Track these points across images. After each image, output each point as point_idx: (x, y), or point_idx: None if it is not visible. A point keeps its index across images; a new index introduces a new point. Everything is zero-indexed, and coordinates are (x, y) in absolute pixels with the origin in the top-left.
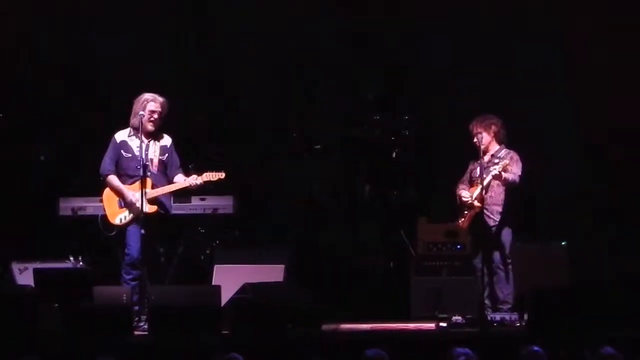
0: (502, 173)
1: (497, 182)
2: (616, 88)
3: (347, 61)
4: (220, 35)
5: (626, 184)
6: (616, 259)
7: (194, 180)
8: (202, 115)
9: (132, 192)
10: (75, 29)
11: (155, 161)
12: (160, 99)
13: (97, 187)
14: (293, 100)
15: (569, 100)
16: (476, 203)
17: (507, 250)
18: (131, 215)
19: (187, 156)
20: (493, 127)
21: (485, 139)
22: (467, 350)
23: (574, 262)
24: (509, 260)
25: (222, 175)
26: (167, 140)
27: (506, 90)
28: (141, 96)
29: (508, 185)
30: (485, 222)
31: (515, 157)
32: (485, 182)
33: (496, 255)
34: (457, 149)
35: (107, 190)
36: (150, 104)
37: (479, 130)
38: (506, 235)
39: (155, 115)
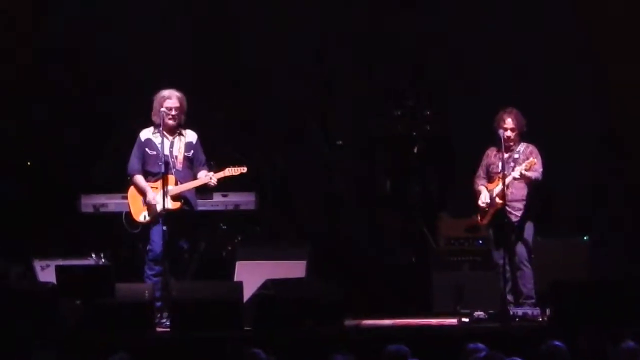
0: (526, 172)
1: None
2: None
3: (368, 55)
4: (239, 31)
5: None
6: (637, 253)
7: (211, 176)
8: (222, 111)
9: (154, 194)
10: (96, 24)
11: (180, 157)
12: (178, 94)
13: (119, 183)
14: (314, 96)
15: (589, 92)
16: (498, 200)
17: (530, 245)
18: (150, 215)
19: (208, 153)
20: (523, 125)
21: (515, 135)
22: (481, 345)
23: (596, 257)
24: (532, 255)
25: (244, 169)
26: (192, 136)
27: (525, 83)
28: (159, 93)
29: (532, 183)
30: (507, 218)
31: (535, 151)
32: (508, 180)
33: (520, 250)
34: (478, 144)
35: (132, 188)
36: (167, 100)
37: (512, 126)
38: (528, 230)
39: (174, 112)
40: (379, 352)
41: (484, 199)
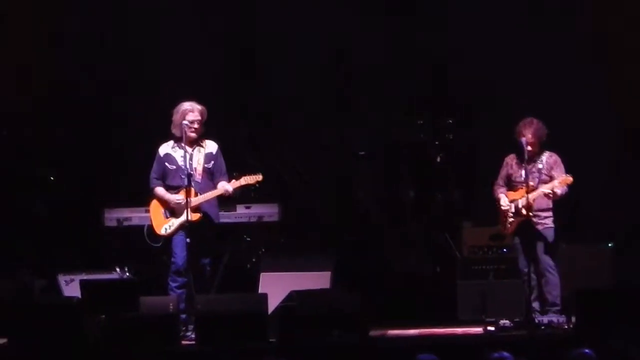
0: (557, 190)
1: (541, 186)
2: None
3: (390, 65)
4: (260, 43)
5: None
6: None
7: (227, 186)
8: (244, 123)
9: (176, 197)
10: (120, 37)
11: (200, 169)
12: (199, 107)
13: (142, 197)
14: (336, 106)
15: (611, 99)
16: (524, 212)
17: (555, 253)
18: (176, 223)
19: (230, 165)
20: (544, 135)
21: (537, 146)
22: (505, 354)
23: (620, 263)
24: (556, 262)
25: (259, 177)
26: (212, 147)
27: (545, 91)
28: (179, 106)
29: (560, 197)
30: (532, 226)
31: (559, 161)
32: (534, 195)
33: (545, 258)
34: (501, 152)
35: (153, 202)
36: (189, 114)
37: (534, 139)
38: (553, 237)
39: (196, 125)
40: None
41: (505, 204)
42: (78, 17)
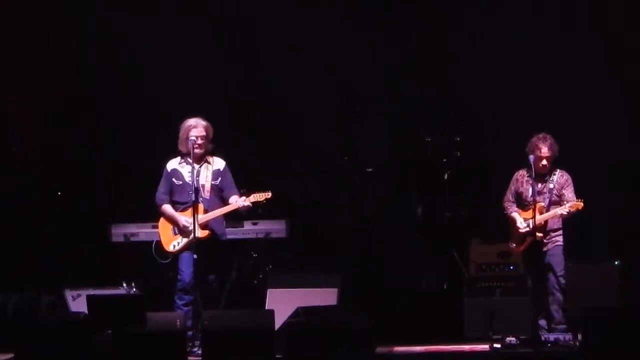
0: (572, 210)
1: (552, 205)
2: None
3: (398, 83)
4: (269, 61)
5: None
6: None
7: (242, 202)
8: (254, 140)
9: (185, 218)
10: (126, 56)
11: (207, 186)
12: (204, 123)
13: (149, 213)
14: (344, 123)
15: (619, 117)
16: (538, 234)
17: (563, 271)
18: (184, 240)
19: (239, 182)
20: (557, 150)
21: (551, 162)
22: None
23: (628, 282)
24: (564, 281)
25: (268, 194)
26: (219, 163)
27: (555, 109)
28: (185, 122)
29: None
30: (542, 244)
31: (569, 179)
32: (548, 216)
33: (551, 276)
34: (509, 169)
35: (162, 219)
36: (193, 130)
37: (548, 154)
38: (558, 255)
39: (200, 141)
40: None
41: (522, 226)
42: (87, 33)
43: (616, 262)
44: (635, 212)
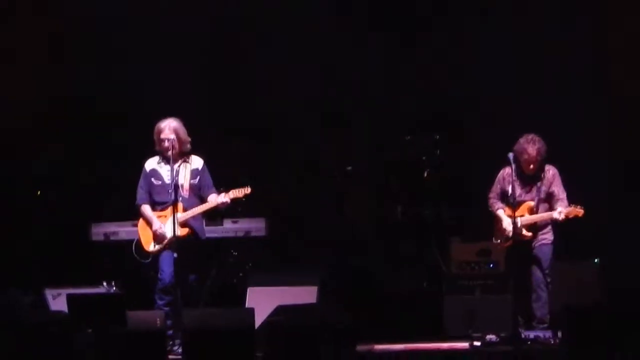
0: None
1: (542, 203)
2: None
3: (380, 82)
4: (252, 57)
5: None
6: None
7: (222, 198)
8: (235, 139)
9: (160, 224)
10: (111, 57)
11: (186, 185)
12: (173, 124)
13: (129, 211)
14: (324, 122)
15: (601, 115)
16: (527, 233)
17: (547, 269)
18: (159, 245)
19: (218, 180)
20: (545, 151)
21: (538, 164)
22: None
23: (607, 279)
24: (549, 279)
25: (247, 190)
26: (197, 162)
27: (538, 106)
28: (157, 123)
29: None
30: (529, 242)
31: (557, 174)
32: (539, 218)
33: (538, 273)
34: (489, 167)
35: (141, 219)
36: (162, 132)
37: (538, 157)
38: (546, 253)
39: (166, 144)
40: None
41: (509, 228)
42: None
43: (596, 260)
44: (615, 210)
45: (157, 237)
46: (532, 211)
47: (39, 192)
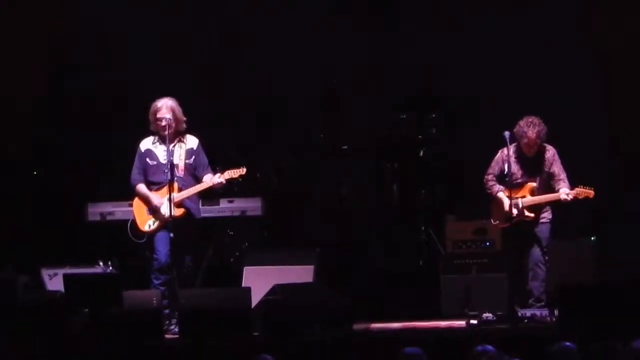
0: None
1: (543, 184)
2: None
3: (374, 61)
4: (247, 39)
5: None
6: None
7: (217, 179)
8: (230, 118)
9: (158, 197)
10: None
11: (181, 165)
12: (169, 104)
13: (125, 191)
14: (320, 102)
15: (599, 98)
16: (530, 214)
17: (545, 248)
18: (157, 222)
19: (215, 161)
20: (545, 133)
21: (537, 147)
22: (489, 347)
23: (603, 258)
24: (546, 258)
25: (242, 171)
26: (193, 142)
27: (535, 87)
28: (153, 103)
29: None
30: (527, 222)
31: (556, 154)
32: (546, 199)
33: (536, 252)
34: (485, 146)
35: (136, 199)
36: (159, 111)
37: (538, 140)
38: (545, 232)
39: (163, 123)
40: (389, 356)
41: (509, 208)
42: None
43: (592, 238)
44: (610, 188)
45: (156, 212)
46: (533, 192)
47: (35, 172)
